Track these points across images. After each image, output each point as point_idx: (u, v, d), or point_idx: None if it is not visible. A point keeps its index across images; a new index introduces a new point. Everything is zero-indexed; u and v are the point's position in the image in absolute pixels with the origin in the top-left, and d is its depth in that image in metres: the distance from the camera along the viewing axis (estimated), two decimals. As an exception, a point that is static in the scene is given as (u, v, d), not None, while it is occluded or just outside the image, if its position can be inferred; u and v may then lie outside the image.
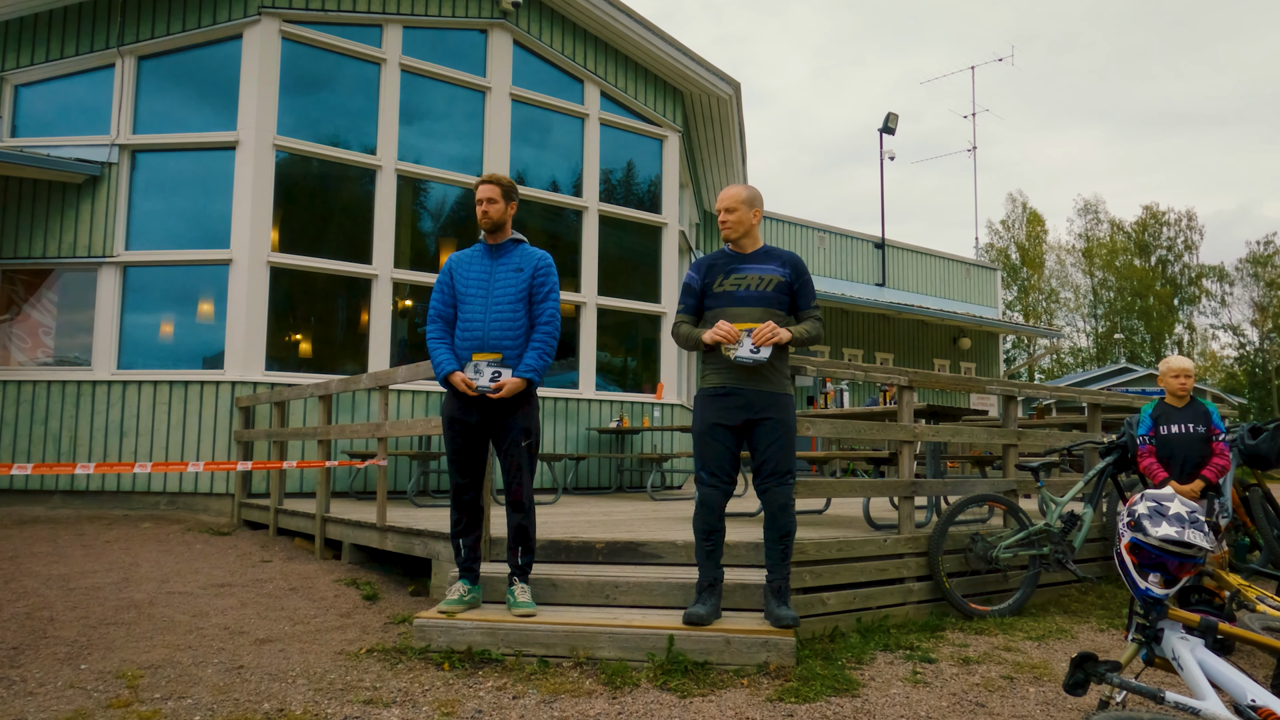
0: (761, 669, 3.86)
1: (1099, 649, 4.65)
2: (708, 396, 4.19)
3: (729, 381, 4.12)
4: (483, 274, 4.37)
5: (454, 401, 4.35)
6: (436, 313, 4.41)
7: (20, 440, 8.58)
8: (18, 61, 9.06)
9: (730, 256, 4.30)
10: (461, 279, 4.39)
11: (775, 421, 4.10)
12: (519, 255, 4.42)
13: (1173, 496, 2.90)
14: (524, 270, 4.37)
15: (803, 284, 4.26)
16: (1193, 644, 2.83)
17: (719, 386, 4.16)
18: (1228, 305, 48.73)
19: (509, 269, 4.36)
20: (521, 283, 4.34)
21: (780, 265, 4.24)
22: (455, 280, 4.40)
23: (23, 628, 4.43)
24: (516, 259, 4.40)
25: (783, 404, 4.15)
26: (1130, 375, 25.26)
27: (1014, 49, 53.10)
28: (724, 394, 4.13)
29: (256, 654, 4.16)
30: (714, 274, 4.28)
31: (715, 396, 4.16)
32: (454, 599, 4.28)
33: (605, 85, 10.78)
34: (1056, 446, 6.56)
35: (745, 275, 4.20)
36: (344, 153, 9.14)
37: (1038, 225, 50.69)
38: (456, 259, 4.48)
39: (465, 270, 4.40)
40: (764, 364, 4.07)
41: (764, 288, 4.18)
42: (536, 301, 4.36)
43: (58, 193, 8.87)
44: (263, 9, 8.67)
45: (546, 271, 4.41)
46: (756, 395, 4.10)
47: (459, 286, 4.38)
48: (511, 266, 4.37)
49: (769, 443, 4.09)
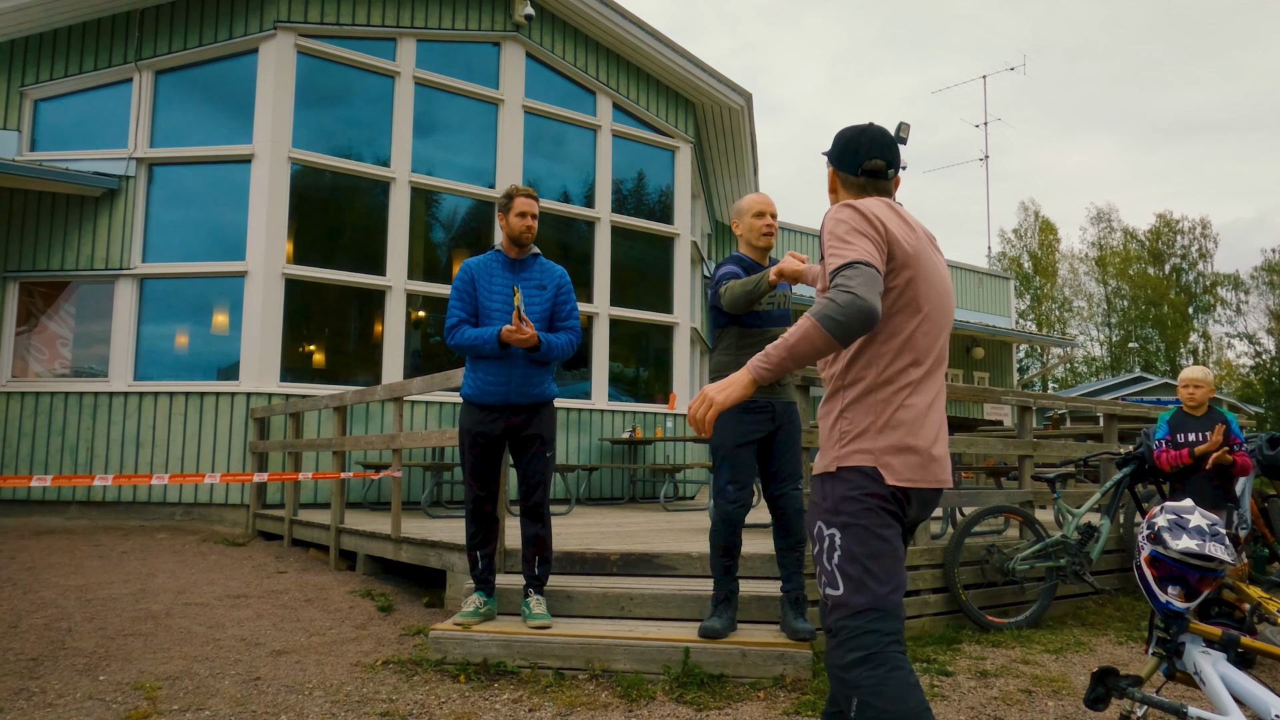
0: (778, 682, 3.85)
1: (1118, 662, 4.61)
2: (739, 410, 4.02)
3: (759, 395, 4.09)
4: (505, 288, 4.28)
5: (476, 413, 4.28)
6: (459, 319, 4.26)
7: (38, 451, 8.65)
8: (37, 76, 9.17)
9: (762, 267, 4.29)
10: (485, 292, 4.26)
11: (792, 428, 4.13)
12: (540, 271, 4.35)
13: (1193, 509, 2.89)
14: (547, 288, 4.31)
15: None
16: (1214, 658, 2.81)
17: (750, 399, 4.13)
18: (1243, 314, 48.39)
19: (532, 285, 4.30)
20: (545, 302, 4.30)
21: None
22: (479, 292, 4.28)
23: (41, 639, 4.46)
24: (539, 275, 4.33)
25: (796, 412, 4.19)
26: (1145, 384, 25.10)
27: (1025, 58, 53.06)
28: (755, 409, 4.03)
29: (273, 665, 4.17)
30: None
31: (745, 411, 4.03)
32: (469, 611, 4.28)
33: (617, 97, 10.83)
34: (1073, 457, 6.52)
35: (776, 293, 4.21)
36: (358, 165, 9.21)
37: (1050, 234, 50.50)
38: (477, 267, 4.33)
39: (488, 283, 4.28)
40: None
41: (787, 305, 4.23)
42: (560, 319, 4.33)
43: (76, 206, 8.96)
44: (278, 23, 8.76)
45: (568, 291, 4.39)
46: (783, 407, 4.11)
47: (482, 300, 4.26)
48: (534, 283, 4.30)
49: (785, 449, 4.09)
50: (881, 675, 2.05)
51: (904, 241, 2.23)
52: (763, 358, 2.11)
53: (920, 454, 2.22)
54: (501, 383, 4.23)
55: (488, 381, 4.24)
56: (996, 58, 72.76)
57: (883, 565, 2.14)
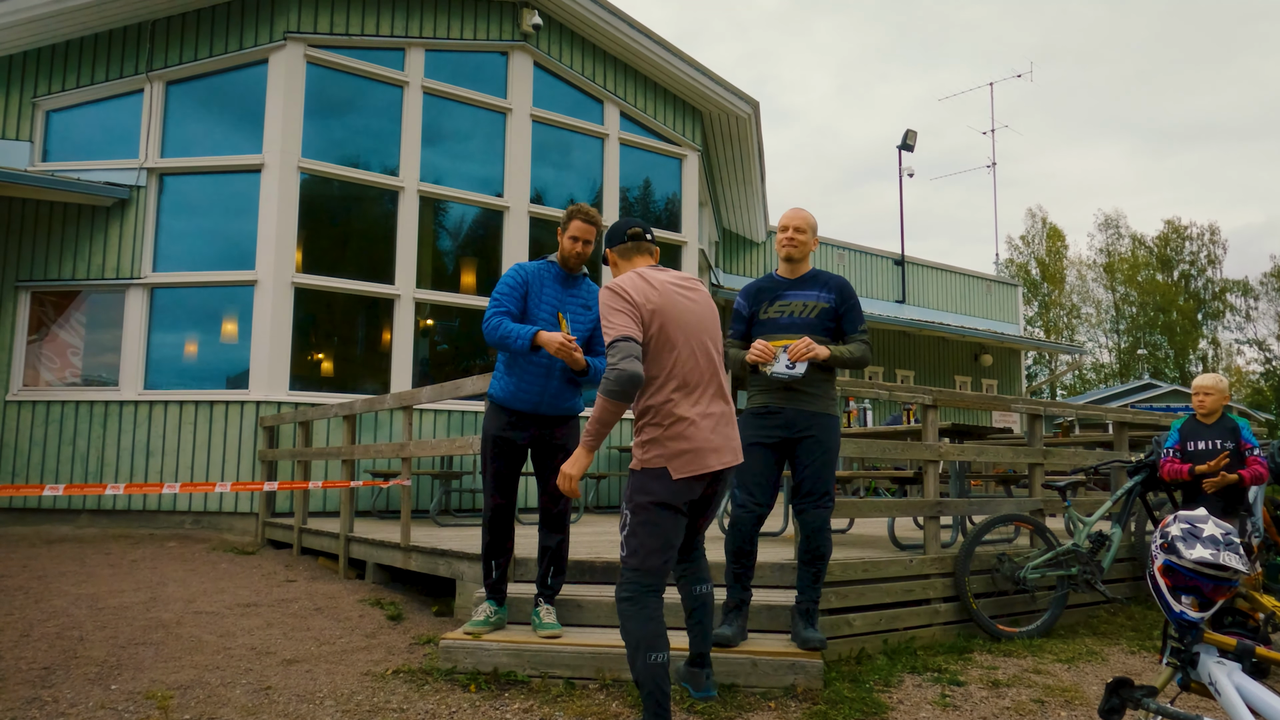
0: (789, 692, 3.83)
1: (1130, 671, 4.58)
2: (750, 415, 4.19)
3: (772, 401, 4.13)
4: (554, 301, 4.22)
5: (502, 417, 4.23)
6: (505, 310, 4.11)
7: (49, 460, 8.69)
8: (49, 87, 9.24)
9: (777, 283, 4.30)
10: (535, 298, 4.19)
11: (816, 441, 4.07)
12: (585, 291, 4.32)
13: (1206, 518, 2.87)
14: (592, 309, 4.28)
15: (849, 308, 4.22)
16: (1229, 668, 2.79)
17: (762, 406, 4.17)
18: (1253, 320, 48.19)
19: (578, 304, 4.27)
20: (589, 322, 4.27)
21: (826, 291, 4.21)
22: (529, 297, 4.18)
23: (53, 647, 4.47)
24: (584, 295, 4.31)
25: (825, 424, 4.10)
26: (1154, 391, 24.99)
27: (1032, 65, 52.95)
28: (765, 413, 4.13)
29: (284, 675, 4.17)
30: (760, 300, 4.30)
31: (756, 415, 4.16)
32: (480, 620, 4.28)
33: (625, 105, 10.86)
34: (1084, 465, 6.49)
35: (789, 302, 4.21)
36: (367, 174, 9.25)
37: (1058, 240, 50.40)
38: (531, 272, 4.23)
39: (539, 290, 4.20)
40: (807, 383, 4.06)
41: (807, 314, 4.17)
42: (598, 342, 4.28)
43: (87, 216, 9.01)
44: (288, 34, 8.81)
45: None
46: (798, 414, 4.08)
47: (532, 306, 4.18)
48: (580, 302, 4.28)
49: (808, 463, 4.07)
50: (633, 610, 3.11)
51: (647, 303, 3.17)
52: (586, 432, 3.08)
53: (696, 451, 3.12)
54: (536, 392, 4.19)
55: (522, 388, 4.19)
56: (1005, 65, 72.82)
57: (653, 537, 3.12)
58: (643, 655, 3.04)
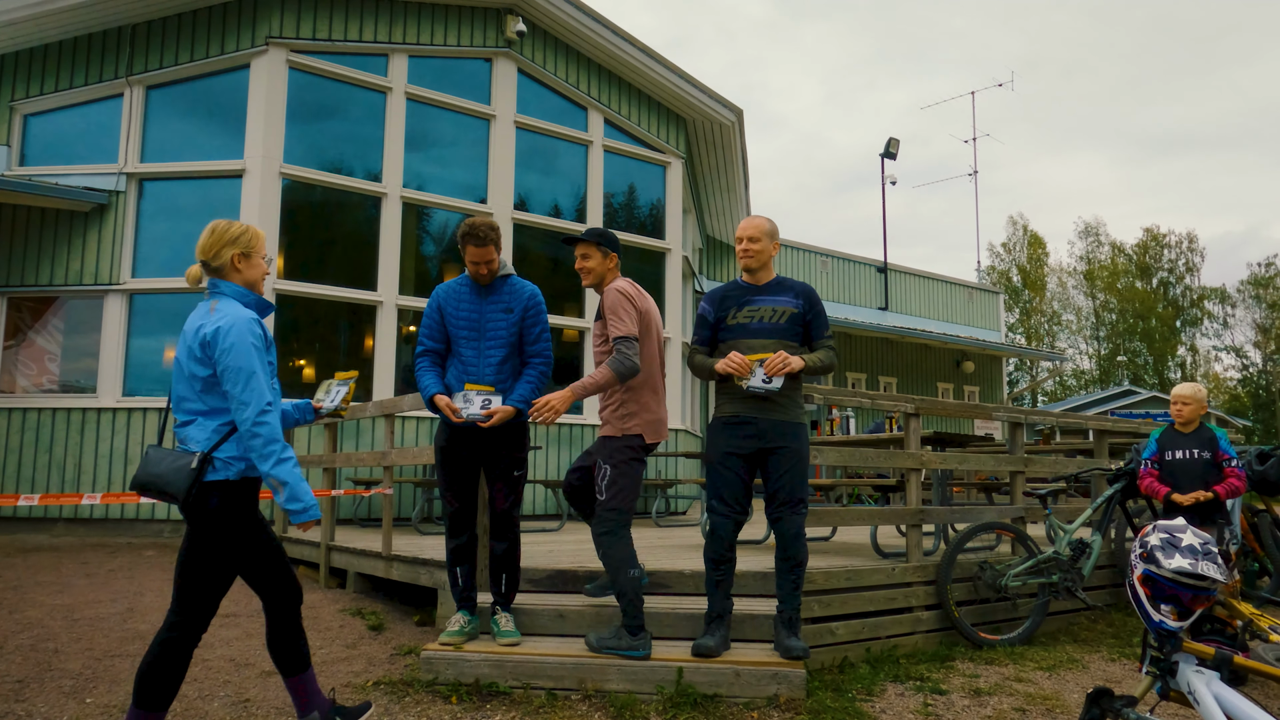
0: (771, 702, 3.83)
1: (1111, 679, 4.61)
2: (722, 424, 4.20)
3: (743, 410, 4.13)
4: (472, 314, 4.21)
5: (446, 431, 4.28)
6: (425, 348, 4.28)
7: (25, 468, 8.58)
8: (27, 91, 9.15)
9: (743, 288, 4.31)
10: (452, 319, 4.22)
11: (789, 450, 4.10)
12: (508, 294, 4.24)
13: (1185, 527, 2.89)
14: (514, 311, 4.21)
15: (816, 314, 4.26)
16: (1208, 677, 2.81)
17: (733, 415, 4.16)
18: (1230, 327, 48.74)
19: (498, 309, 4.20)
20: (512, 325, 4.20)
21: (794, 296, 4.25)
22: (446, 319, 4.25)
23: (27, 660, 4.40)
24: (506, 298, 4.23)
25: (796, 433, 4.14)
26: (1134, 398, 25.22)
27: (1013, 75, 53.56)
28: (738, 423, 4.14)
29: (262, 687, 4.13)
30: (727, 306, 4.29)
31: (729, 425, 4.17)
32: (454, 630, 4.23)
33: (609, 112, 10.87)
34: (1064, 474, 6.53)
35: (759, 307, 4.22)
36: (349, 180, 9.20)
37: (1039, 248, 50.83)
38: (444, 294, 4.28)
39: (454, 309, 4.23)
40: (777, 393, 4.08)
41: (777, 319, 4.19)
42: (528, 343, 4.24)
43: (65, 221, 8.92)
44: (270, 39, 8.76)
45: (536, 312, 4.26)
46: (770, 425, 4.10)
47: (450, 328, 4.24)
48: (501, 307, 4.21)
49: (782, 471, 4.09)
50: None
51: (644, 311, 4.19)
52: (580, 385, 3.97)
53: (660, 421, 4.23)
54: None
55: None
56: (990, 74, 73.32)
57: (630, 484, 4.11)
58: (625, 571, 3.98)
